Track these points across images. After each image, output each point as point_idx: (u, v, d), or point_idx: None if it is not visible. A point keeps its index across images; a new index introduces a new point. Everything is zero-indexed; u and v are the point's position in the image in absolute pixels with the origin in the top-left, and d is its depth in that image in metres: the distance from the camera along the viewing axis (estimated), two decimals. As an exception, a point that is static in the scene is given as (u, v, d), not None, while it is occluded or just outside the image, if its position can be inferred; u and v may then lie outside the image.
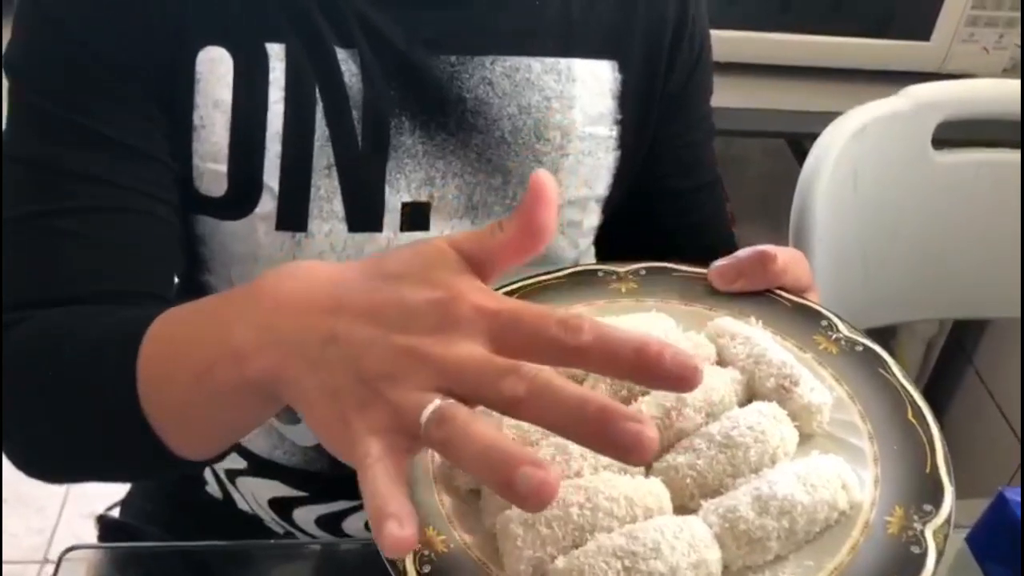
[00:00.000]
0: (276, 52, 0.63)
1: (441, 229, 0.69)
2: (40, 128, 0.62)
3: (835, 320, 0.55)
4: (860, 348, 0.53)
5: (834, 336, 0.54)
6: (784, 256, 0.57)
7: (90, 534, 0.69)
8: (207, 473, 0.84)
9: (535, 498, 0.35)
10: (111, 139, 0.61)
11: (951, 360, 1.71)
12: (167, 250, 0.65)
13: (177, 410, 0.49)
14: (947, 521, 0.44)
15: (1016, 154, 1.06)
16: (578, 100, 0.70)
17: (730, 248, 0.76)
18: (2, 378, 0.55)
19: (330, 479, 0.79)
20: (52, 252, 0.60)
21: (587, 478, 0.46)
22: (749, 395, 0.52)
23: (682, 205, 0.79)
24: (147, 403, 0.49)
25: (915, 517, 0.45)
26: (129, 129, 0.62)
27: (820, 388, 0.51)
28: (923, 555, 0.43)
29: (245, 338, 0.43)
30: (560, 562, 0.43)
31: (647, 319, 0.55)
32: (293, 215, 0.65)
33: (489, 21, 0.67)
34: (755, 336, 0.53)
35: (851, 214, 1.02)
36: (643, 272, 0.60)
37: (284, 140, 0.64)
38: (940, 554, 0.43)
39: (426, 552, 0.45)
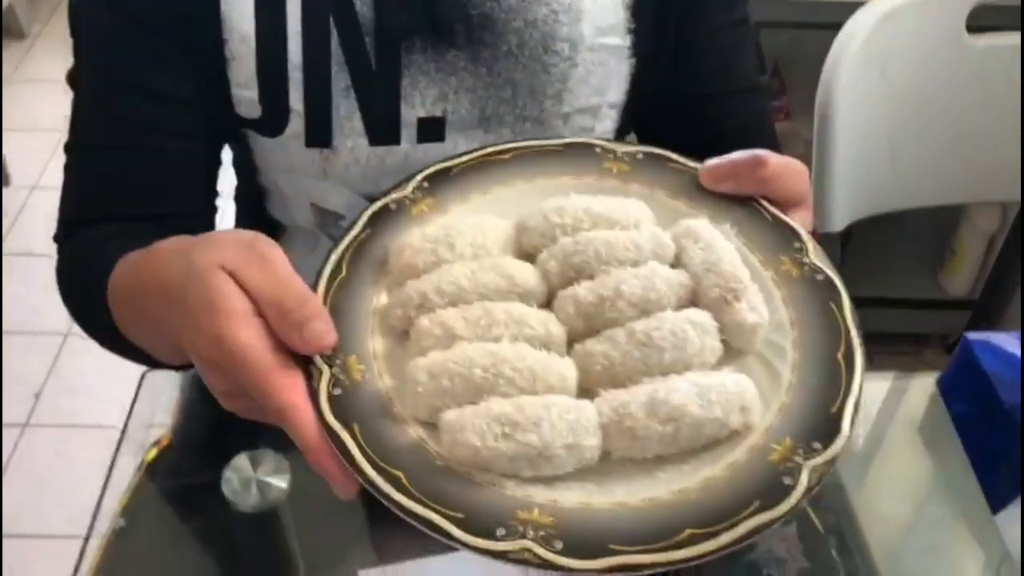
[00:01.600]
0: None
1: (456, 140, 0.73)
2: (92, 76, 0.73)
3: (807, 244, 0.54)
4: (821, 277, 0.53)
5: (800, 259, 0.54)
6: (777, 164, 0.56)
7: None
8: None
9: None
10: (144, 86, 0.70)
11: (1013, 256, 1.71)
12: (193, 185, 0.75)
13: (142, 344, 0.62)
14: (829, 462, 0.45)
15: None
16: (587, 12, 0.71)
17: (768, 134, 0.80)
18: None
19: None
20: (98, 182, 0.73)
21: (500, 345, 0.48)
22: (693, 301, 0.52)
23: (713, 111, 0.79)
24: (120, 328, 0.63)
25: (800, 451, 0.45)
26: (161, 78, 0.70)
27: (760, 308, 0.51)
28: (791, 487, 0.44)
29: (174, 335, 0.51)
30: (450, 414, 0.46)
31: (623, 203, 0.56)
32: (319, 133, 0.71)
33: None
34: (717, 244, 0.53)
35: (878, 99, 1.06)
36: (640, 156, 0.60)
37: (304, 68, 0.69)
38: (809, 490, 0.44)
39: (341, 376, 0.48)
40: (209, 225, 0.77)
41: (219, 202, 0.79)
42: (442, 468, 0.46)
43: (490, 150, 0.60)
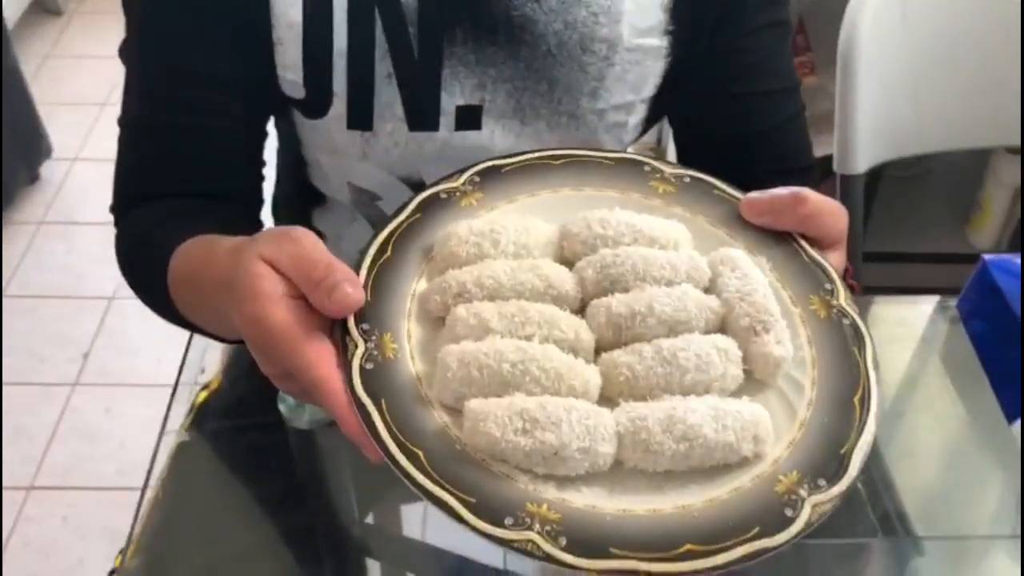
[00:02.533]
0: None
1: (492, 129, 0.75)
2: (142, 53, 0.75)
3: (839, 287, 0.55)
4: (847, 321, 0.54)
5: (829, 301, 0.55)
6: (816, 202, 0.57)
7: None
8: None
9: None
10: (193, 69, 0.72)
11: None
12: (240, 161, 0.77)
13: (198, 322, 0.67)
14: (831, 500, 0.46)
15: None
16: (626, 14, 0.72)
17: (803, 158, 0.82)
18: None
19: None
20: (149, 157, 0.76)
21: (531, 344, 0.50)
22: (722, 327, 0.54)
23: (747, 110, 0.80)
24: (182, 311, 0.67)
25: (805, 486, 0.47)
26: (209, 61, 0.72)
27: (786, 343, 0.52)
28: (792, 519, 0.45)
29: (227, 321, 0.55)
30: (474, 403, 0.48)
31: (665, 224, 0.57)
32: (360, 117, 0.74)
33: None
34: (752, 274, 0.54)
35: (899, 43, 1.08)
36: (686, 179, 0.60)
37: (348, 54, 0.71)
38: (809, 525, 0.45)
39: (375, 352, 0.49)
40: (258, 193, 0.80)
41: (265, 171, 0.82)
42: (460, 453, 0.47)
43: (542, 154, 0.61)
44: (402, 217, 0.57)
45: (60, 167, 2.29)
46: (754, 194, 0.59)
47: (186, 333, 0.79)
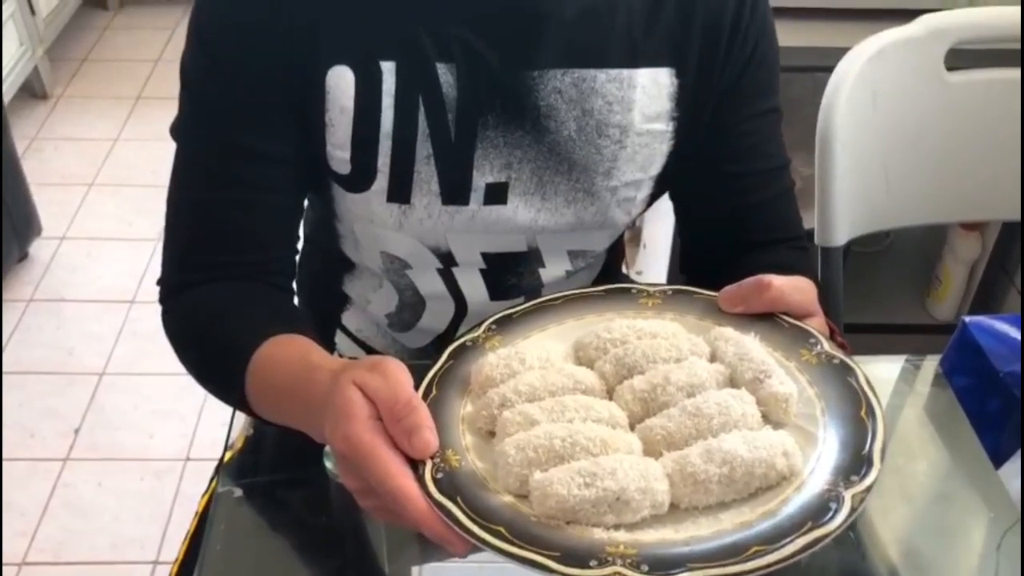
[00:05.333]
0: (388, 68, 0.77)
1: (516, 204, 0.83)
2: (196, 131, 0.80)
3: (821, 339, 0.64)
4: (836, 361, 0.62)
5: (816, 350, 0.63)
6: (782, 284, 0.66)
7: (223, 437, 0.86)
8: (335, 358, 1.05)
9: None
10: (248, 147, 0.78)
11: (994, 281, 1.84)
12: (286, 231, 0.84)
13: (267, 411, 0.73)
14: (867, 488, 0.53)
15: (1017, 72, 1.20)
16: (637, 103, 0.80)
17: (793, 228, 0.90)
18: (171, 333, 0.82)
19: None
20: (201, 232, 0.80)
21: (575, 423, 0.58)
22: (730, 385, 0.61)
23: (742, 186, 0.87)
24: (250, 401, 0.73)
25: (841, 483, 0.53)
26: (264, 139, 0.78)
27: (788, 382, 0.60)
28: (837, 511, 0.52)
29: (316, 431, 0.64)
30: (538, 475, 0.54)
31: (660, 324, 0.66)
32: (399, 192, 0.81)
33: (563, 40, 0.78)
34: (745, 340, 0.63)
35: (872, 129, 1.18)
36: (669, 292, 0.70)
37: (393, 137, 0.78)
38: (853, 511, 0.52)
39: (442, 464, 0.57)
40: (292, 265, 0.86)
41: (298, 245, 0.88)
42: (536, 522, 0.53)
43: (545, 298, 0.72)
44: (439, 364, 0.66)
45: (48, 246, 2.33)
46: (726, 289, 0.68)
47: (178, 409, 0.82)
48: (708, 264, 0.93)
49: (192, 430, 1.89)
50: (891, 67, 1.17)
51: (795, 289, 0.67)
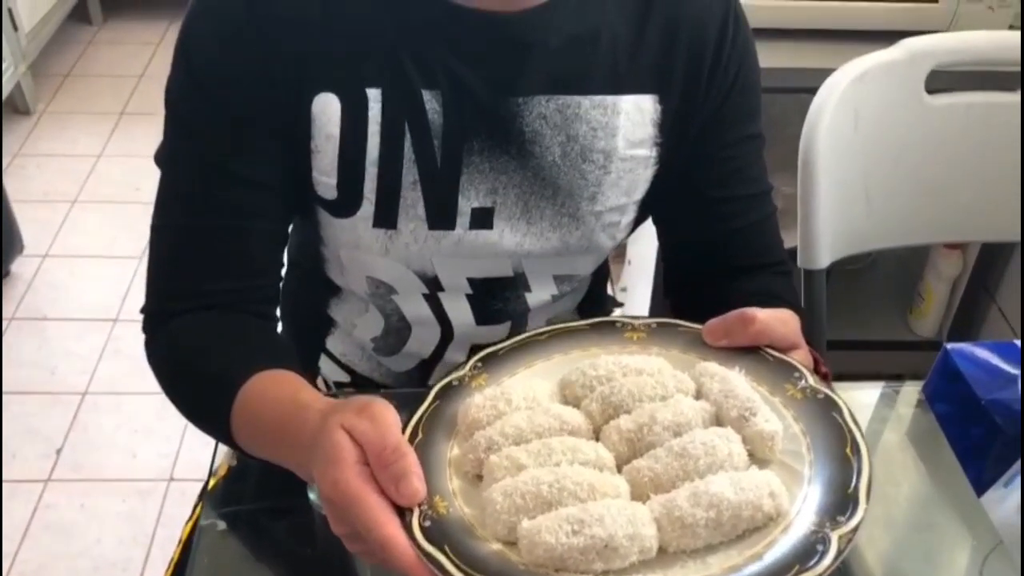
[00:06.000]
0: (374, 96, 0.77)
1: (502, 228, 0.83)
2: (182, 157, 0.79)
3: (806, 373, 0.64)
4: (821, 396, 0.62)
5: (801, 385, 0.63)
6: (764, 318, 0.66)
7: (208, 459, 0.85)
8: (319, 383, 1.04)
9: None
10: (234, 173, 0.78)
11: (975, 298, 1.85)
12: (271, 258, 0.83)
13: (253, 447, 0.73)
14: (854, 529, 0.53)
15: (1000, 95, 1.22)
16: (621, 129, 0.81)
17: (775, 253, 0.91)
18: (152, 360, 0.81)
19: None
20: (186, 259, 0.80)
21: (562, 467, 0.57)
22: (717, 423, 0.61)
23: (724, 211, 0.87)
24: (236, 436, 0.73)
25: (828, 524, 0.53)
26: (250, 166, 0.78)
27: (774, 420, 0.60)
28: (825, 552, 0.52)
29: (304, 471, 0.64)
30: (526, 523, 0.54)
31: (646, 359, 0.66)
32: (386, 217, 0.81)
33: (548, 67, 0.78)
34: (730, 377, 0.63)
35: (853, 150, 1.19)
36: (653, 326, 0.70)
37: (379, 163, 0.79)
38: (840, 552, 0.52)
39: (429, 511, 0.56)
40: (276, 293, 0.85)
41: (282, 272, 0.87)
42: (524, 571, 0.53)
43: (529, 333, 0.71)
44: (425, 405, 0.65)
45: (30, 263, 2.31)
46: (711, 321, 0.68)
47: (161, 429, 0.81)
48: (691, 288, 0.93)
49: (175, 450, 1.88)
50: (873, 90, 1.18)
51: (779, 322, 0.67)
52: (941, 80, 1.19)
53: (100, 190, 2.55)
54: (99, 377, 2.04)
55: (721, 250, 0.89)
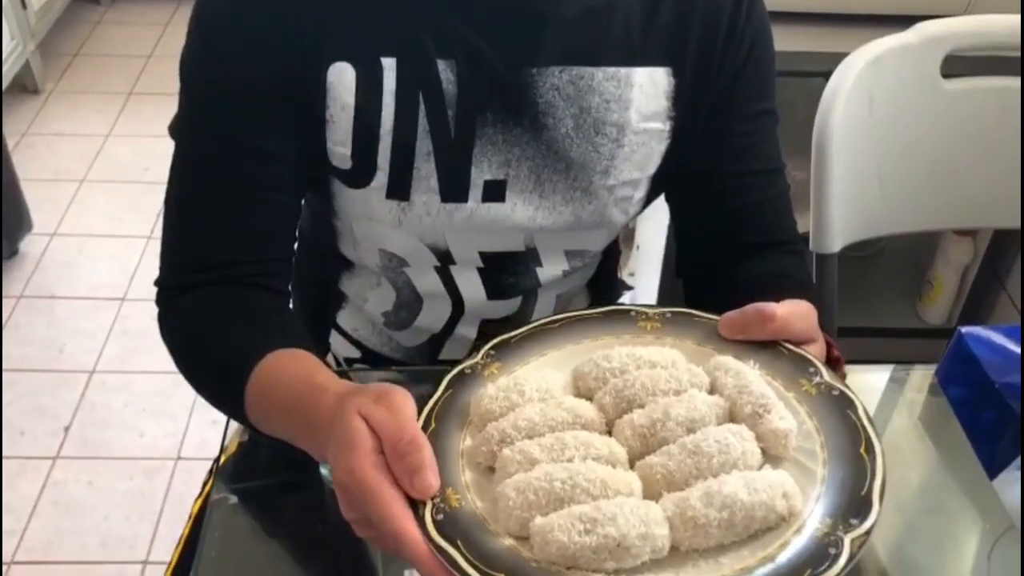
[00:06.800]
0: (389, 65, 0.77)
1: (514, 202, 0.83)
2: (197, 129, 0.80)
3: (821, 369, 0.63)
4: (836, 392, 0.62)
5: (816, 381, 0.63)
6: (783, 315, 0.65)
7: (215, 438, 0.87)
8: (329, 358, 1.05)
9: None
10: (249, 144, 0.78)
11: (986, 286, 1.85)
12: (284, 230, 0.83)
13: (266, 425, 0.73)
14: (866, 532, 0.53)
15: (1015, 80, 1.21)
16: (634, 102, 0.81)
17: (788, 232, 0.90)
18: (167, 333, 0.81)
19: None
20: (199, 231, 0.80)
21: (575, 463, 0.57)
22: (730, 419, 0.61)
23: (737, 187, 0.87)
24: (249, 413, 0.72)
25: (840, 527, 0.53)
26: (264, 137, 0.78)
27: (788, 417, 0.60)
28: (837, 555, 0.51)
29: (318, 452, 0.65)
30: (539, 520, 0.54)
31: (660, 351, 0.65)
32: (399, 188, 0.81)
33: (562, 39, 0.79)
34: (745, 371, 0.62)
35: (867, 134, 1.19)
36: (668, 315, 0.69)
37: (394, 133, 0.79)
38: (852, 557, 0.51)
39: (442, 504, 0.56)
40: (289, 267, 0.85)
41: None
42: (537, 567, 0.53)
43: (542, 321, 0.71)
44: (438, 394, 0.65)
45: (39, 242, 2.32)
46: (728, 314, 0.67)
47: (168, 408, 0.81)
48: (704, 268, 0.93)
49: (183, 429, 1.89)
50: (887, 74, 1.17)
51: (798, 317, 0.66)
52: (957, 65, 1.19)
53: (108, 169, 2.56)
54: (107, 356, 2.05)
55: (733, 227, 0.88)
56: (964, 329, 0.85)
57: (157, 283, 0.82)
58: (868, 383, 0.93)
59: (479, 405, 0.63)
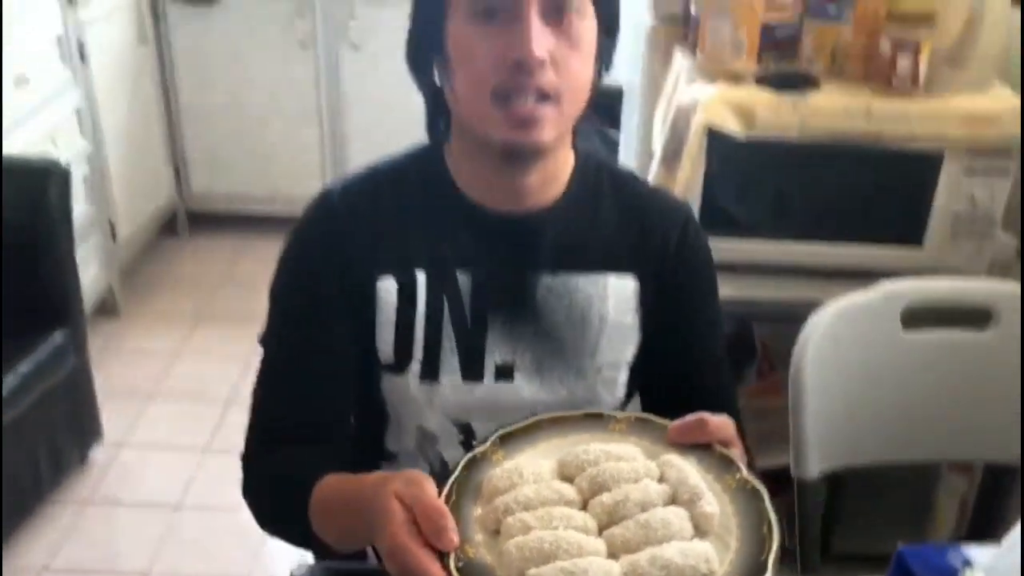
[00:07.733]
0: (421, 280, 1.04)
1: (521, 382, 1.06)
2: (279, 338, 1.07)
3: (741, 467, 0.85)
4: (750, 486, 0.83)
5: (737, 476, 0.84)
6: (715, 423, 0.86)
7: None
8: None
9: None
10: (321, 346, 1.04)
11: (983, 513, 1.92)
12: (344, 411, 1.09)
13: (329, 539, 0.94)
14: None
15: (968, 333, 1.39)
16: (610, 299, 1.06)
17: (729, 406, 1.13)
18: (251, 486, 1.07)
19: None
20: (283, 409, 1.06)
21: (558, 531, 0.78)
22: (672, 502, 0.82)
23: (693, 378, 1.12)
24: (317, 529, 0.94)
25: None
26: (332, 340, 1.05)
27: (714, 503, 0.80)
28: None
29: (363, 529, 0.85)
30: (531, 571, 0.75)
31: (625, 448, 0.87)
32: (430, 373, 1.05)
33: (551, 251, 1.05)
34: (685, 467, 0.84)
35: (837, 377, 1.37)
36: (633, 420, 0.91)
37: (425, 330, 1.04)
38: None
39: (461, 555, 0.77)
40: (347, 431, 1.10)
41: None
42: None
43: (538, 418, 0.91)
44: (456, 474, 0.85)
45: (107, 451, 2.52)
46: (675, 422, 0.88)
47: None
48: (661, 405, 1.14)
49: None
50: (853, 325, 1.37)
51: (725, 426, 0.87)
52: (912, 316, 1.38)
53: (174, 386, 2.80)
54: (162, 560, 2.19)
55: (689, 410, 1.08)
56: (905, 548, 0.99)
57: (244, 457, 1.07)
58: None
59: (489, 483, 0.83)
